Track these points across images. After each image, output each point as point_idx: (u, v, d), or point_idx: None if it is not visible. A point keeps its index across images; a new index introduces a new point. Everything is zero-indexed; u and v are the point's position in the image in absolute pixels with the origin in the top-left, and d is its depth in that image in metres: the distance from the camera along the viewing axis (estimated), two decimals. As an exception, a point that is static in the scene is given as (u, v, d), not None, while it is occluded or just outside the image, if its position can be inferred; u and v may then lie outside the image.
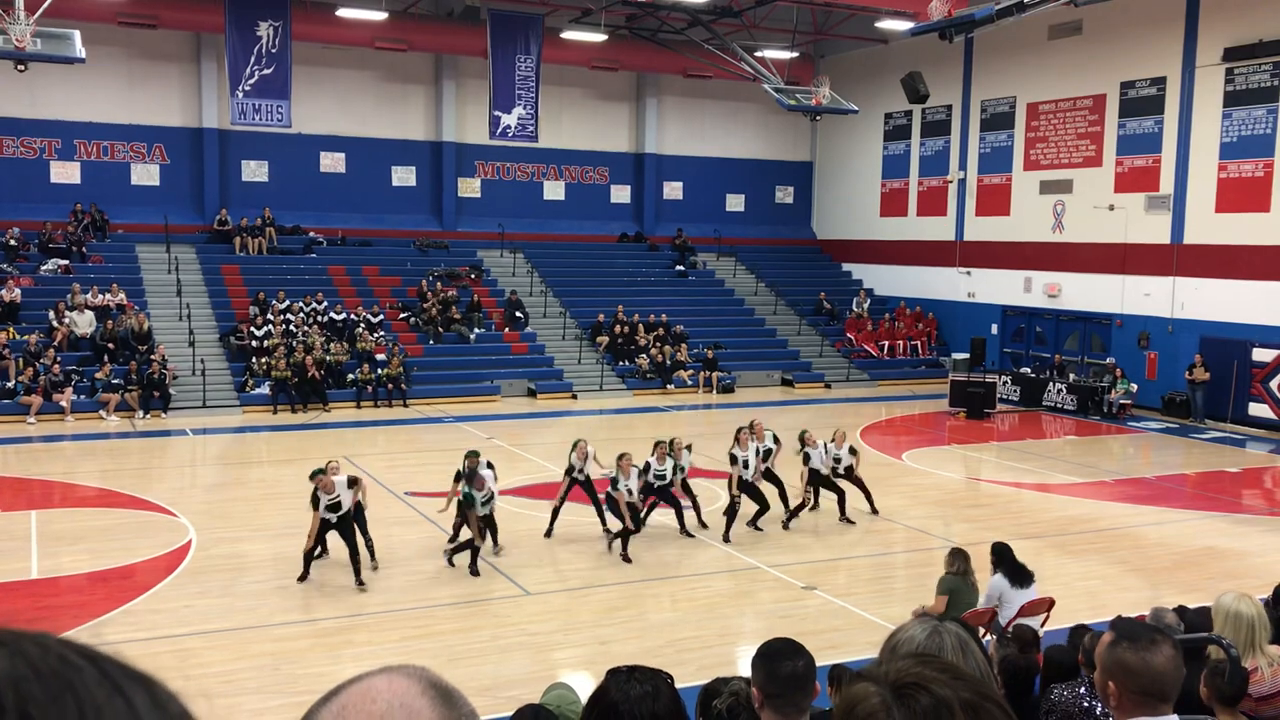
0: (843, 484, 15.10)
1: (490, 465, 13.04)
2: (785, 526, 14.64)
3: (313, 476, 12.08)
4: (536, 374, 27.79)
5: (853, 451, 15.30)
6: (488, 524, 12.81)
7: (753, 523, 14.44)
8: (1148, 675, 2.64)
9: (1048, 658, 6.23)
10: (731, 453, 14.37)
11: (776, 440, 15.13)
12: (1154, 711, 2.67)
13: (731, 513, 14.22)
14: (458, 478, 12.86)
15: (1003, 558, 9.72)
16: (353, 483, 12.24)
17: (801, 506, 14.99)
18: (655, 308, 30.80)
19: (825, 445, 15.03)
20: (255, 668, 9.61)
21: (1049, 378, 27.23)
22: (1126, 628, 2.82)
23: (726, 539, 13.97)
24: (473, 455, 13.03)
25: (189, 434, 22.00)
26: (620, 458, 13.56)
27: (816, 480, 15.09)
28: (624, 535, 13.25)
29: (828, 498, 15.34)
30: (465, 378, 26.99)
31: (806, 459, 15.00)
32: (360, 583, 11.85)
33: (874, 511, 15.44)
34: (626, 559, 13.12)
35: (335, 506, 11.99)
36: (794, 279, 34.98)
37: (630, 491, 13.33)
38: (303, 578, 12.06)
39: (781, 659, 3.21)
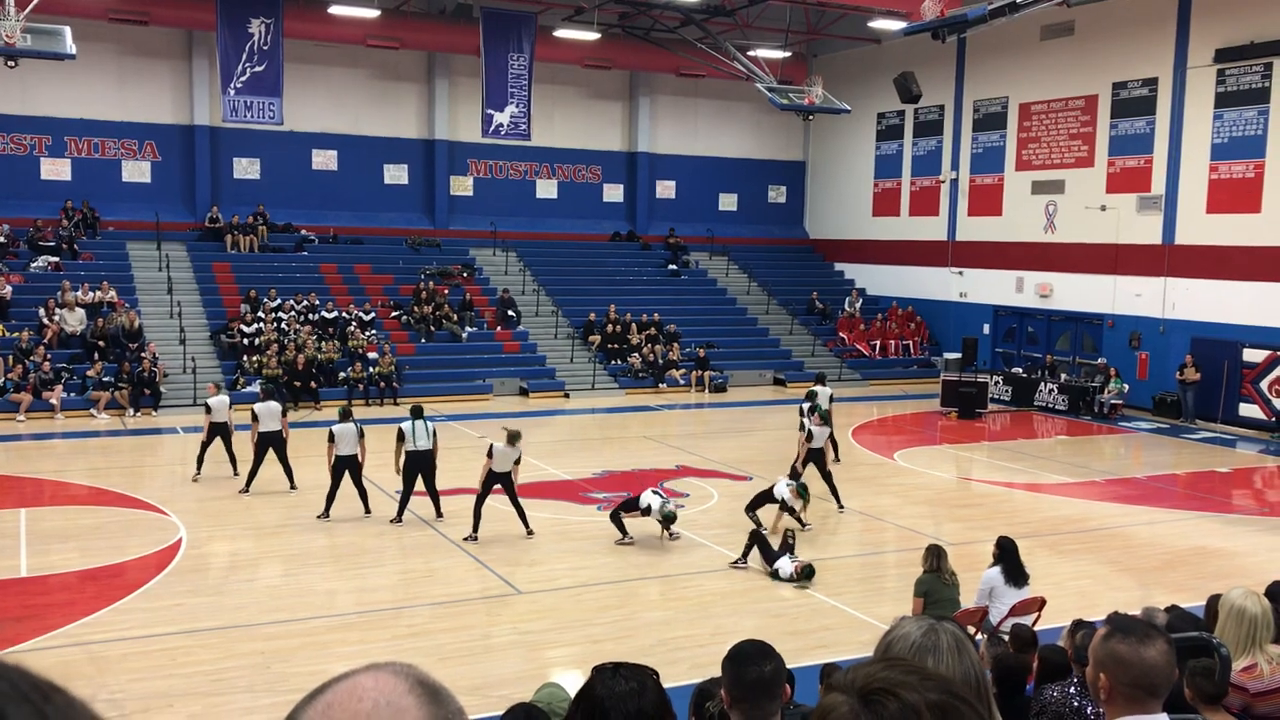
0: None
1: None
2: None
3: None
4: (529, 373, 27.76)
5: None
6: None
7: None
8: (1140, 668, 2.64)
9: (1041, 657, 6.23)
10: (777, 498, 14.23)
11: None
12: (1144, 707, 2.67)
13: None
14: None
15: (1005, 553, 9.71)
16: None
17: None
18: (647, 307, 30.79)
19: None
20: (245, 666, 9.58)
21: (1040, 378, 27.28)
22: (1122, 622, 2.82)
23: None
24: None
25: (180, 432, 21.90)
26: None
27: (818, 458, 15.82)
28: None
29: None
30: (457, 376, 26.95)
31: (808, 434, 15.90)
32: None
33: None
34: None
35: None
36: (786, 278, 34.98)
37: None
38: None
39: (748, 664, 3.16)
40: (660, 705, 2.75)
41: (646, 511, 13.51)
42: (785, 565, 12.34)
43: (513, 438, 13.87)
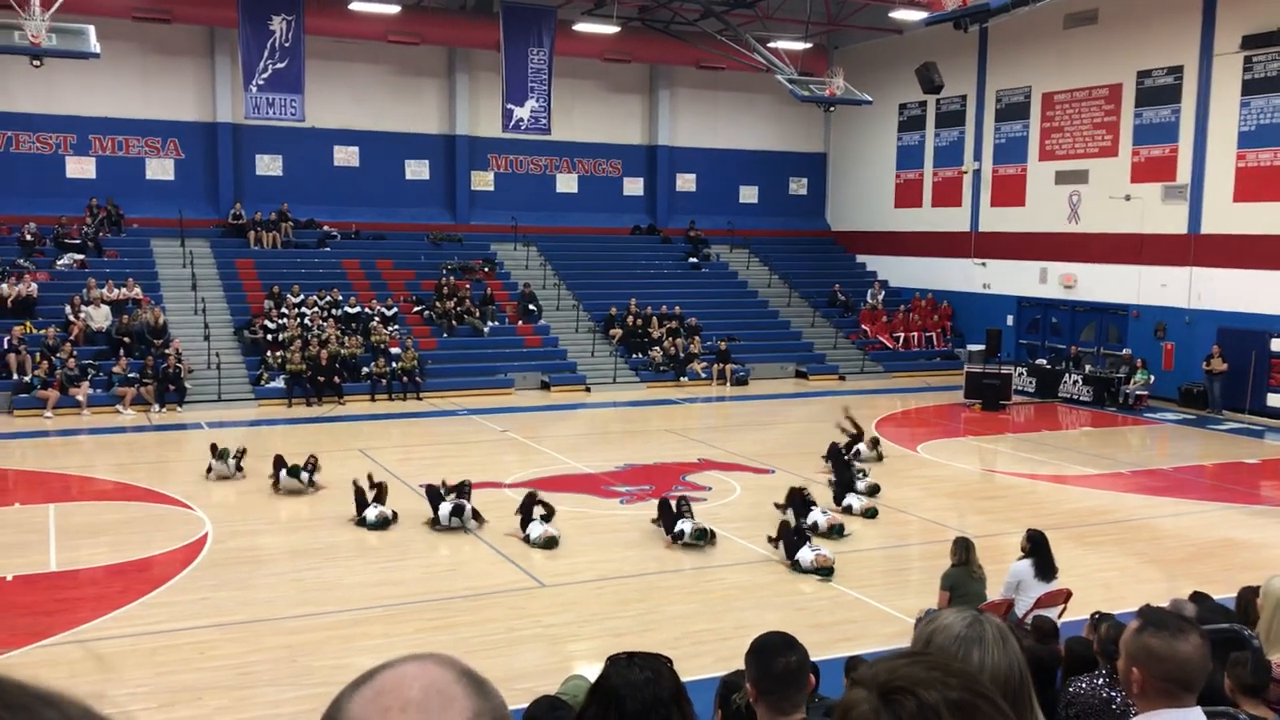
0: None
1: None
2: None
3: None
4: (550, 366, 27.79)
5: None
6: None
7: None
8: (1174, 662, 2.61)
9: (1068, 649, 6.19)
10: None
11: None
12: (1178, 701, 2.64)
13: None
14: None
15: (1036, 546, 9.63)
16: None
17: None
18: (668, 300, 30.76)
19: None
20: (271, 660, 9.64)
21: (1065, 369, 27.10)
22: (1154, 615, 2.79)
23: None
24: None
25: (204, 427, 22.03)
26: None
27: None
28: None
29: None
30: (479, 370, 27.01)
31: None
32: None
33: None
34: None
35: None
36: (808, 271, 34.87)
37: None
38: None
39: (775, 655, 3.17)
40: (675, 692, 2.76)
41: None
42: (806, 555, 12.32)
43: None
